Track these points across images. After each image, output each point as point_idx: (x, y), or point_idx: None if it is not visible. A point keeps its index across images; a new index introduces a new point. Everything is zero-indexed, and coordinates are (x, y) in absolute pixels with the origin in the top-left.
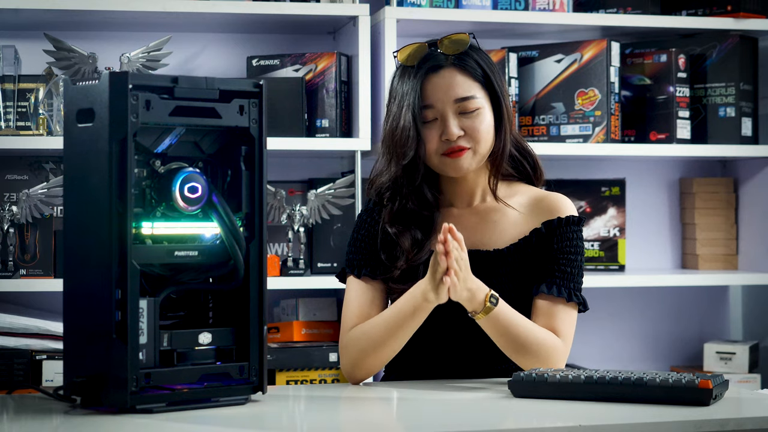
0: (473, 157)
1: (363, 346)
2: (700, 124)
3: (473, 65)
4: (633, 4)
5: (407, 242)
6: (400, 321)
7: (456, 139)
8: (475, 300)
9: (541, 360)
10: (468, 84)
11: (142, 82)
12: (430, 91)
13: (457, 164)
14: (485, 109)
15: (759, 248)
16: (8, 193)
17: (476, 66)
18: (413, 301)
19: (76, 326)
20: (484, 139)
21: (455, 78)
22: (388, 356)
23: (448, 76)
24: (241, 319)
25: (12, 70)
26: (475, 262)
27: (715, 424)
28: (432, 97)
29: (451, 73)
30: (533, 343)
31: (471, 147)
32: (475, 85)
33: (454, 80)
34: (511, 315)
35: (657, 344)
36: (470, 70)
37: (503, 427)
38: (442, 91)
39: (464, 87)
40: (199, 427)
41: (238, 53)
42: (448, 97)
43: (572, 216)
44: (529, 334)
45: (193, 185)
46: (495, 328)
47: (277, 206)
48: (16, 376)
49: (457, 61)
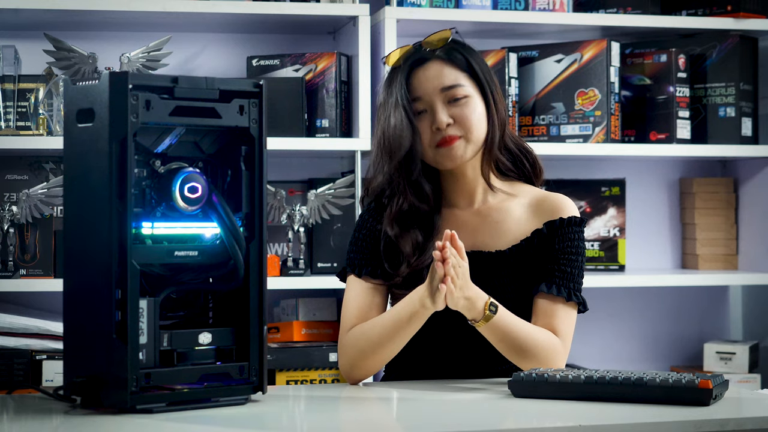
0: (466, 146)
1: (361, 346)
2: (700, 124)
3: (457, 56)
4: (633, 4)
5: (408, 246)
6: (398, 325)
7: (446, 127)
8: (474, 309)
9: (541, 362)
10: (454, 73)
11: (142, 82)
12: (416, 84)
13: (450, 153)
14: (474, 98)
15: (759, 248)
16: (8, 193)
17: (461, 56)
18: (411, 306)
19: (76, 326)
20: (476, 127)
21: (440, 69)
22: (386, 358)
23: (433, 68)
24: (241, 319)
25: (12, 70)
26: (476, 263)
27: (715, 424)
28: (419, 89)
29: (436, 65)
30: (533, 347)
31: (462, 135)
32: (461, 75)
33: (440, 71)
34: (510, 321)
35: (657, 344)
36: (454, 60)
37: (503, 427)
38: (428, 81)
39: (450, 76)
40: (199, 427)
41: (238, 53)
42: (434, 87)
43: (574, 217)
44: (528, 338)
45: (193, 185)
46: (495, 335)
47: (277, 206)
48: (16, 376)
49: (441, 53)
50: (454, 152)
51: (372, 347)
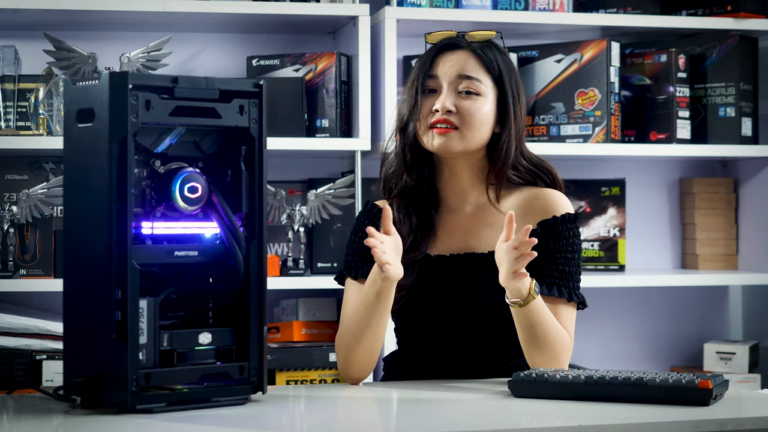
0: (459, 139)
1: (347, 340)
2: (700, 124)
3: (490, 56)
4: (633, 4)
5: (405, 228)
6: (370, 307)
7: (445, 112)
8: (523, 287)
9: (553, 356)
10: (477, 68)
11: (142, 82)
12: (438, 63)
13: (440, 140)
14: (487, 99)
15: (759, 248)
16: (8, 193)
17: (493, 58)
18: (374, 285)
19: (76, 326)
20: (476, 126)
21: (467, 58)
22: (371, 347)
23: (460, 55)
24: (241, 319)
25: (12, 70)
26: (470, 264)
27: (715, 424)
28: (438, 69)
29: (465, 54)
30: (553, 341)
31: (459, 127)
32: (484, 73)
33: (465, 60)
34: (544, 309)
35: (657, 344)
36: (484, 57)
37: (503, 427)
38: (449, 64)
39: (472, 68)
40: (199, 427)
41: (238, 53)
42: (453, 71)
43: (567, 214)
44: (552, 331)
45: (193, 185)
46: (528, 320)
47: (277, 206)
48: (16, 376)
49: (476, 46)
50: (444, 141)
51: (355, 338)
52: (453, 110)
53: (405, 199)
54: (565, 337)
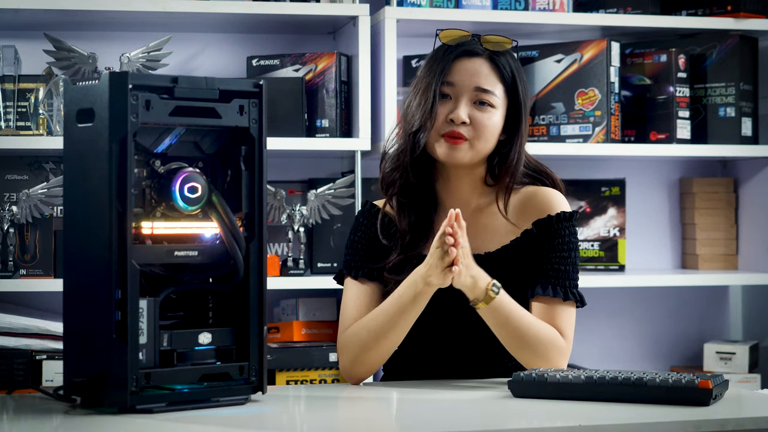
0: (469, 150)
1: (364, 339)
2: (700, 124)
3: (506, 67)
4: (633, 4)
5: (404, 223)
6: (401, 309)
7: (460, 123)
8: (477, 288)
9: (541, 355)
10: (493, 80)
11: (142, 82)
12: (456, 71)
13: (452, 151)
14: (499, 111)
15: (759, 248)
16: (8, 193)
17: (509, 70)
18: (414, 287)
19: (76, 326)
20: (486, 138)
21: (484, 69)
22: (388, 349)
23: (478, 64)
24: (241, 319)
25: (12, 70)
26: None
27: (715, 424)
28: (456, 76)
29: (483, 63)
30: (534, 337)
31: (471, 139)
32: (500, 85)
33: (483, 70)
34: (512, 306)
35: (657, 344)
36: (501, 69)
37: (503, 427)
38: (468, 74)
39: (489, 80)
40: (199, 427)
41: (238, 53)
42: (471, 81)
43: (563, 212)
44: (531, 328)
45: (193, 185)
46: (496, 318)
47: (277, 206)
48: (16, 376)
49: (492, 55)
50: (455, 152)
51: (375, 337)
52: (467, 122)
53: (404, 198)
54: (551, 335)
